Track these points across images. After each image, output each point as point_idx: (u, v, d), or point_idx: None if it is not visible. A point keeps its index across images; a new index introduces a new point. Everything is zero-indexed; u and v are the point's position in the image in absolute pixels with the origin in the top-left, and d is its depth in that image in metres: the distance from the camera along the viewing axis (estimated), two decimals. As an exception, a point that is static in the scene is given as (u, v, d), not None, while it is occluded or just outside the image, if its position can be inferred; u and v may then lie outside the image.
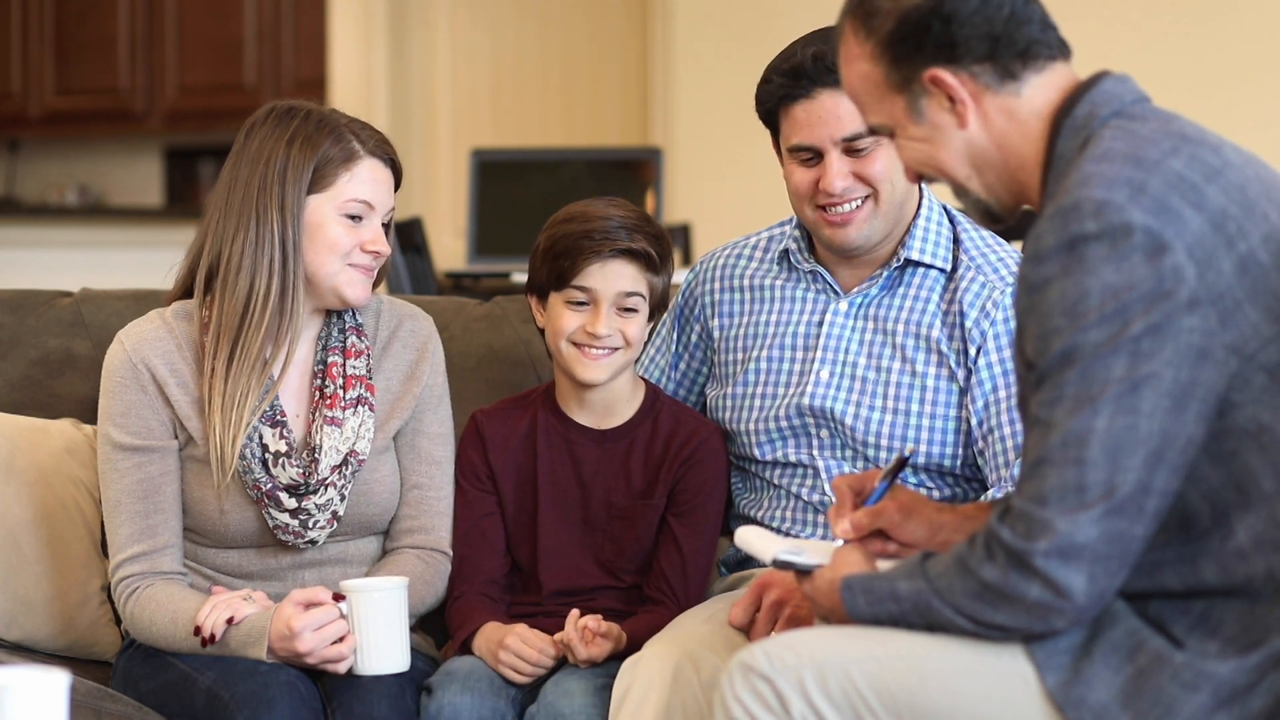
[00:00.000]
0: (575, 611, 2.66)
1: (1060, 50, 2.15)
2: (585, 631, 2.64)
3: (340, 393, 2.72)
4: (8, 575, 2.84)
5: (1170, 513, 2.04)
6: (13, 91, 9.02)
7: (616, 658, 2.63)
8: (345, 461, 2.70)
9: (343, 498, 2.71)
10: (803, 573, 2.25)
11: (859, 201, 2.71)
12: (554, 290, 2.78)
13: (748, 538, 2.40)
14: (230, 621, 2.61)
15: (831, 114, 2.68)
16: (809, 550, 2.28)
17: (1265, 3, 5.98)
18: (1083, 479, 1.98)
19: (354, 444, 2.71)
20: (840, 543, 2.30)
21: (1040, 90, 2.13)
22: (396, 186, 2.75)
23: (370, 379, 2.76)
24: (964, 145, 2.15)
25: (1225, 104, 5.60)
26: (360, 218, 2.70)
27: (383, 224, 2.74)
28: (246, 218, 2.67)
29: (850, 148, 2.68)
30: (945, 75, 2.12)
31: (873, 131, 2.49)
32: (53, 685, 1.73)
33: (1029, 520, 2.00)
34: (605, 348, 2.75)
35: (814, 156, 2.71)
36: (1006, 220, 2.20)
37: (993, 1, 2.11)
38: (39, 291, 3.16)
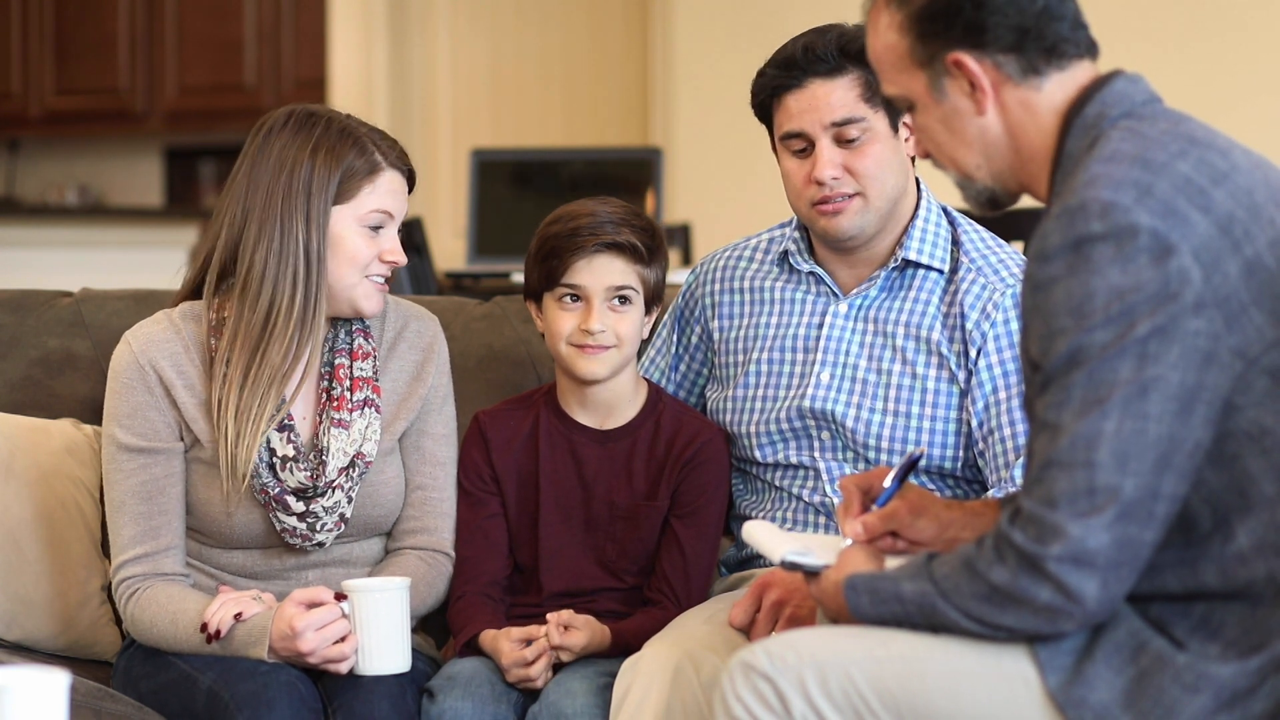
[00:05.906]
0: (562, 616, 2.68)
1: (1088, 50, 2.14)
2: (557, 625, 2.65)
3: (348, 395, 2.72)
4: (8, 575, 2.84)
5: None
6: (13, 91, 9.02)
7: (617, 657, 2.63)
8: (352, 464, 2.70)
9: (350, 500, 2.71)
10: (811, 574, 2.24)
11: (848, 195, 2.72)
12: (546, 291, 2.79)
13: (755, 534, 2.38)
14: (238, 618, 2.61)
15: (822, 101, 2.70)
16: (817, 550, 2.27)
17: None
18: (1093, 482, 1.98)
19: (361, 446, 2.71)
20: (848, 540, 2.30)
21: (1060, 87, 2.12)
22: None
23: (376, 380, 2.75)
24: (978, 132, 2.15)
25: (1235, 115, 5.58)
26: (380, 228, 2.71)
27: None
28: (270, 226, 2.65)
29: (840, 136, 2.70)
30: (968, 60, 2.11)
31: (888, 103, 2.50)
32: (53, 685, 1.73)
33: (1040, 524, 2.00)
34: (601, 344, 2.75)
35: (806, 147, 2.72)
36: (1007, 205, 2.20)
37: None
38: (39, 291, 3.16)
